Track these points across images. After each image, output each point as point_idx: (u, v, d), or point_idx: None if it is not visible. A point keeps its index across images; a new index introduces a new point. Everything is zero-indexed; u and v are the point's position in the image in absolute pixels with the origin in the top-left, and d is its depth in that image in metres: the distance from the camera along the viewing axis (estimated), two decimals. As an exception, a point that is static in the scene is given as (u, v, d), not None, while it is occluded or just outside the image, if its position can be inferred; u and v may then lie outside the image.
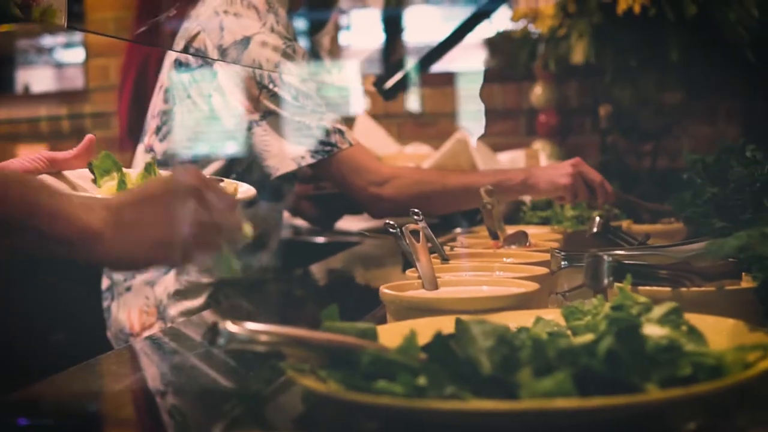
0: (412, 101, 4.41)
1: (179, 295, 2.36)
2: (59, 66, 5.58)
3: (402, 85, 2.89)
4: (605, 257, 1.29)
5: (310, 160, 2.32)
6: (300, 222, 3.28)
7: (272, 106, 2.32)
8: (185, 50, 2.38)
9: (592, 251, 1.60)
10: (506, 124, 4.36)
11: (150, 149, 2.45)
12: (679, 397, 0.92)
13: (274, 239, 2.55)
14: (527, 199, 2.60)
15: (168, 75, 2.44)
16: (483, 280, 1.47)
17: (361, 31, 4.23)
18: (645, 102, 3.64)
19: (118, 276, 2.41)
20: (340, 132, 2.37)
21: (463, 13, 3.53)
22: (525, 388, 0.94)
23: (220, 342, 1.00)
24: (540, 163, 3.27)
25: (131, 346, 1.80)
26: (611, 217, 2.40)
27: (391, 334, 1.12)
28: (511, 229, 2.03)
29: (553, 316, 1.25)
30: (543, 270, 1.55)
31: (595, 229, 2.04)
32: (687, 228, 2.16)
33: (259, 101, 2.32)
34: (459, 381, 0.97)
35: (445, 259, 1.71)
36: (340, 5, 2.62)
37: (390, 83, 2.88)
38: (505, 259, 1.72)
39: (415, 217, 1.65)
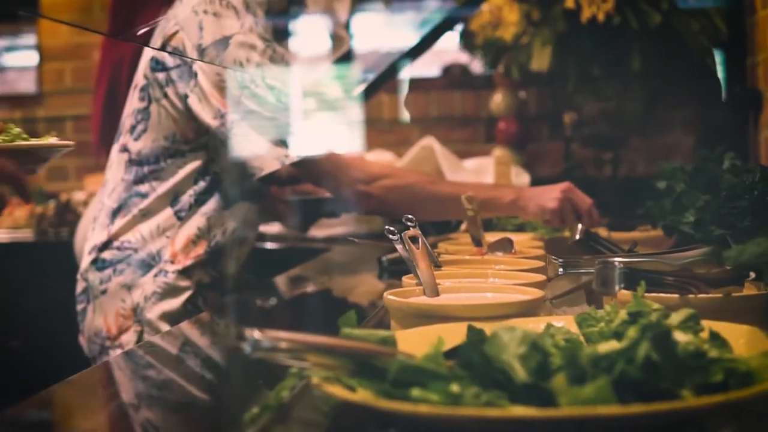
0: (371, 108, 4.40)
1: (157, 298, 2.32)
2: (12, 69, 5.49)
3: (371, 91, 2.88)
4: (617, 263, 1.28)
5: (293, 159, 2.30)
6: (272, 228, 3.26)
7: (254, 106, 2.30)
8: (163, 49, 2.35)
9: (596, 258, 1.60)
10: (465, 132, 4.37)
11: (124, 148, 2.42)
12: (717, 404, 0.92)
13: (251, 241, 2.53)
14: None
15: (144, 74, 2.41)
16: (486, 287, 1.46)
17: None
18: (606, 110, 3.66)
19: (93, 279, 2.37)
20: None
21: (432, 19, 3.54)
22: (563, 394, 0.92)
23: (246, 350, 0.98)
24: (510, 170, 3.27)
25: (109, 362, 1.76)
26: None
27: (404, 342, 1.11)
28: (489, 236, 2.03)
29: (562, 322, 1.24)
30: (540, 277, 1.54)
31: (577, 237, 2.04)
32: (666, 236, 2.16)
33: (240, 101, 2.29)
34: (490, 388, 0.96)
35: (437, 266, 1.70)
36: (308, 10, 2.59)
37: (359, 89, 2.87)
38: (495, 266, 1.72)
39: (409, 223, 1.64)
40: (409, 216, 1.64)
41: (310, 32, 3.66)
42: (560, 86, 3.69)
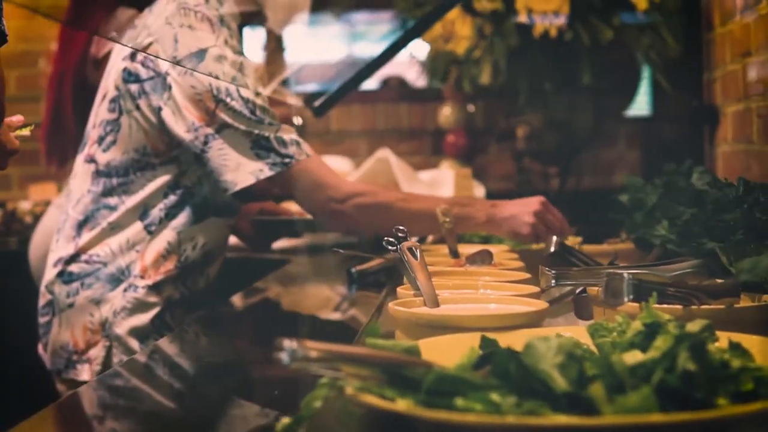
0: (318, 120, 4.39)
1: (126, 313, 2.30)
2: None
3: (332, 102, 2.88)
4: (625, 275, 1.30)
5: (268, 173, 2.29)
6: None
7: (229, 120, 2.29)
8: (134, 59, 2.33)
9: (588, 269, 1.62)
10: (411, 144, 4.39)
11: (91, 159, 2.39)
12: (754, 412, 0.93)
13: (221, 257, 2.51)
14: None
15: (115, 85, 2.38)
16: (484, 298, 1.47)
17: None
18: (556, 124, 3.70)
19: (59, 292, 2.33)
20: (297, 143, 2.35)
21: (391, 31, 3.56)
22: (605, 403, 0.94)
23: (284, 360, 0.97)
24: (471, 182, 3.29)
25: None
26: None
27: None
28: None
29: (571, 333, 1.25)
30: (534, 288, 1.55)
31: (552, 249, 2.05)
32: (638, 248, 2.19)
33: (216, 114, 2.28)
34: (526, 397, 0.97)
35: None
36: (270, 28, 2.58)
37: (320, 101, 2.87)
38: (481, 278, 1.72)
39: (400, 234, 1.64)
40: (401, 228, 1.64)
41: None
42: (511, 100, 3.72)
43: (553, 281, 1.56)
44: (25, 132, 1.69)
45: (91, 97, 2.49)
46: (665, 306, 1.34)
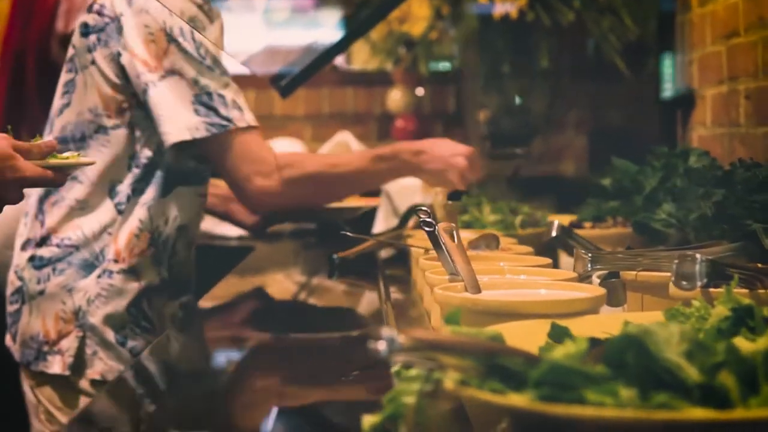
0: (263, 103, 4.28)
1: (101, 301, 2.15)
2: None
3: (297, 83, 2.77)
4: (698, 256, 1.22)
5: (203, 133, 2.16)
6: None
7: (178, 63, 2.16)
8: (91, 9, 2.19)
9: (628, 252, 1.54)
10: (357, 129, 4.28)
11: (50, 131, 2.24)
12: None
13: (195, 232, 2.36)
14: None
15: (72, 44, 2.23)
16: (528, 284, 1.38)
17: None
18: (512, 108, 3.64)
19: (29, 278, 2.18)
20: (240, 109, 2.22)
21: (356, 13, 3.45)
22: (739, 394, 0.86)
23: (381, 351, 0.88)
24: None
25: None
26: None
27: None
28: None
29: (641, 320, 1.17)
30: (571, 273, 1.47)
31: (554, 233, 1.98)
32: (636, 233, 2.12)
33: (166, 56, 2.15)
34: (648, 389, 0.89)
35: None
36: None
37: (286, 80, 2.76)
38: (499, 263, 1.64)
39: (421, 216, 1.54)
40: (424, 207, 1.53)
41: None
42: (467, 83, 3.65)
43: (590, 265, 1.48)
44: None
45: (56, 75, 2.33)
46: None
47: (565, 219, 2.48)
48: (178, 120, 2.15)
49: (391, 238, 2.32)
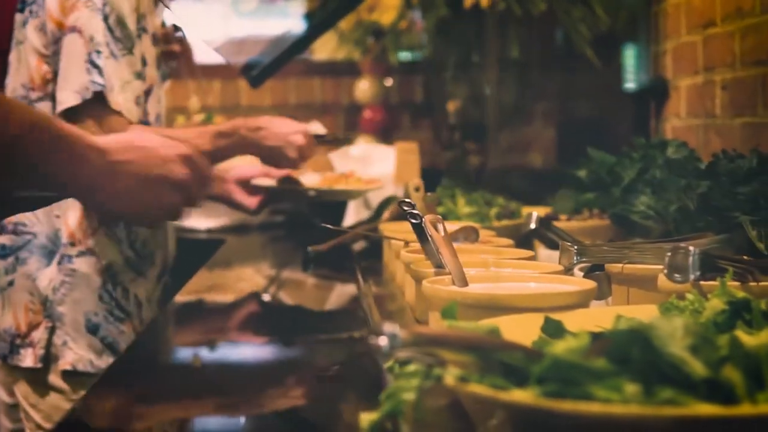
0: (229, 94, 4.24)
1: (65, 287, 2.09)
2: None
3: (268, 73, 2.74)
4: (690, 249, 1.20)
5: (87, 95, 2.03)
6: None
7: (82, 21, 2.05)
8: None
9: (615, 244, 1.52)
10: (324, 119, 4.24)
11: None
12: None
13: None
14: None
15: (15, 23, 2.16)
16: (515, 277, 1.36)
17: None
18: (481, 98, 3.62)
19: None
20: (116, 91, 2.08)
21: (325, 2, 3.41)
22: (745, 389, 0.84)
23: (384, 347, 0.86)
24: (416, 158, 3.16)
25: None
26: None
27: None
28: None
29: (633, 313, 1.16)
30: (557, 266, 1.45)
31: (533, 226, 1.97)
32: (614, 225, 2.11)
33: (72, 11, 2.06)
34: (653, 384, 0.87)
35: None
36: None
37: (257, 70, 2.72)
38: (481, 255, 1.62)
39: (406, 208, 1.51)
40: (409, 200, 1.51)
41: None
42: (436, 74, 3.63)
43: (576, 258, 1.46)
44: None
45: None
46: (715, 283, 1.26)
47: (539, 211, 2.46)
48: (70, 82, 2.04)
49: (367, 230, 2.29)
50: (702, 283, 1.24)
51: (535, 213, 1.98)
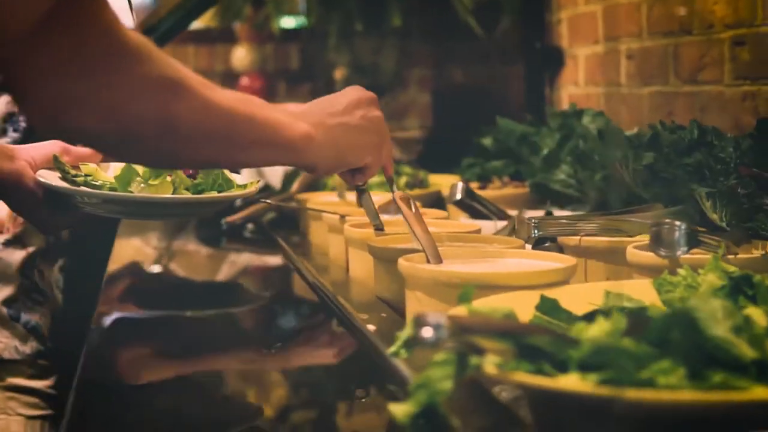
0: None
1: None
2: None
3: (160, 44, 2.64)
4: (677, 224, 1.20)
5: None
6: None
7: None
8: None
9: (572, 217, 1.52)
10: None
11: None
12: None
13: None
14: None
15: None
16: (496, 253, 1.34)
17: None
18: (362, 67, 3.58)
19: None
20: None
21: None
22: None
23: (430, 338, 0.83)
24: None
25: None
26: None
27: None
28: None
29: (620, 289, 1.15)
30: (517, 241, 1.44)
31: (458, 196, 1.94)
32: (534, 194, 2.11)
33: None
34: (696, 367, 0.86)
35: (379, 229, 1.54)
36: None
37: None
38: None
39: (360, 185, 1.47)
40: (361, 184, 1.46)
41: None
42: (318, 40, 3.58)
43: (535, 231, 1.45)
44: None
45: None
46: (698, 256, 1.26)
47: (443, 179, 2.45)
48: None
49: (280, 201, 2.24)
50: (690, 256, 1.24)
51: (460, 183, 1.95)
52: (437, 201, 2.26)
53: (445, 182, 2.29)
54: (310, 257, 1.92)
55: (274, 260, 2.10)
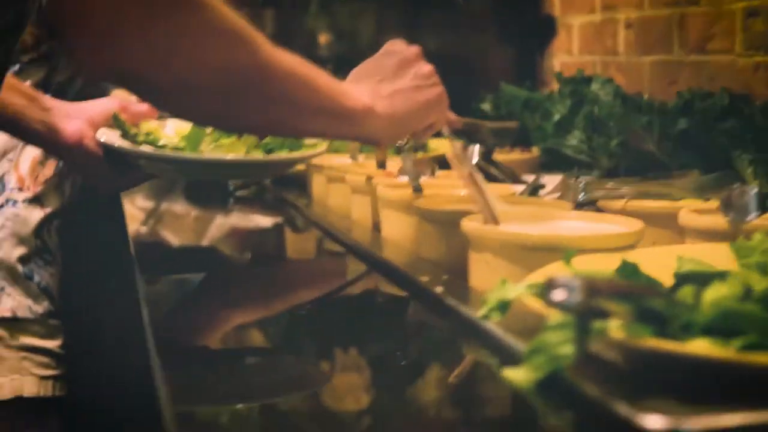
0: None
1: (5, 232, 1.90)
2: None
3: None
4: (748, 188, 1.20)
5: None
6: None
7: None
8: None
9: (618, 180, 1.52)
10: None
11: None
12: None
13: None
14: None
15: None
16: (550, 215, 1.33)
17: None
18: (341, 33, 3.55)
19: None
20: None
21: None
22: None
23: (564, 302, 0.82)
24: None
25: None
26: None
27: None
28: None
29: (691, 253, 1.15)
30: (566, 204, 1.44)
31: (475, 159, 1.93)
32: (544, 158, 2.12)
33: None
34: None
35: (418, 190, 1.54)
36: None
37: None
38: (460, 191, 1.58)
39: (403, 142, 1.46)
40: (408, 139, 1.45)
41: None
42: (297, 6, 3.54)
43: (583, 194, 1.46)
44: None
45: None
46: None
47: (440, 143, 2.44)
48: None
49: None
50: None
51: (477, 146, 1.95)
52: (442, 165, 2.25)
53: (442, 147, 2.27)
54: (319, 216, 1.90)
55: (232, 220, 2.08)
